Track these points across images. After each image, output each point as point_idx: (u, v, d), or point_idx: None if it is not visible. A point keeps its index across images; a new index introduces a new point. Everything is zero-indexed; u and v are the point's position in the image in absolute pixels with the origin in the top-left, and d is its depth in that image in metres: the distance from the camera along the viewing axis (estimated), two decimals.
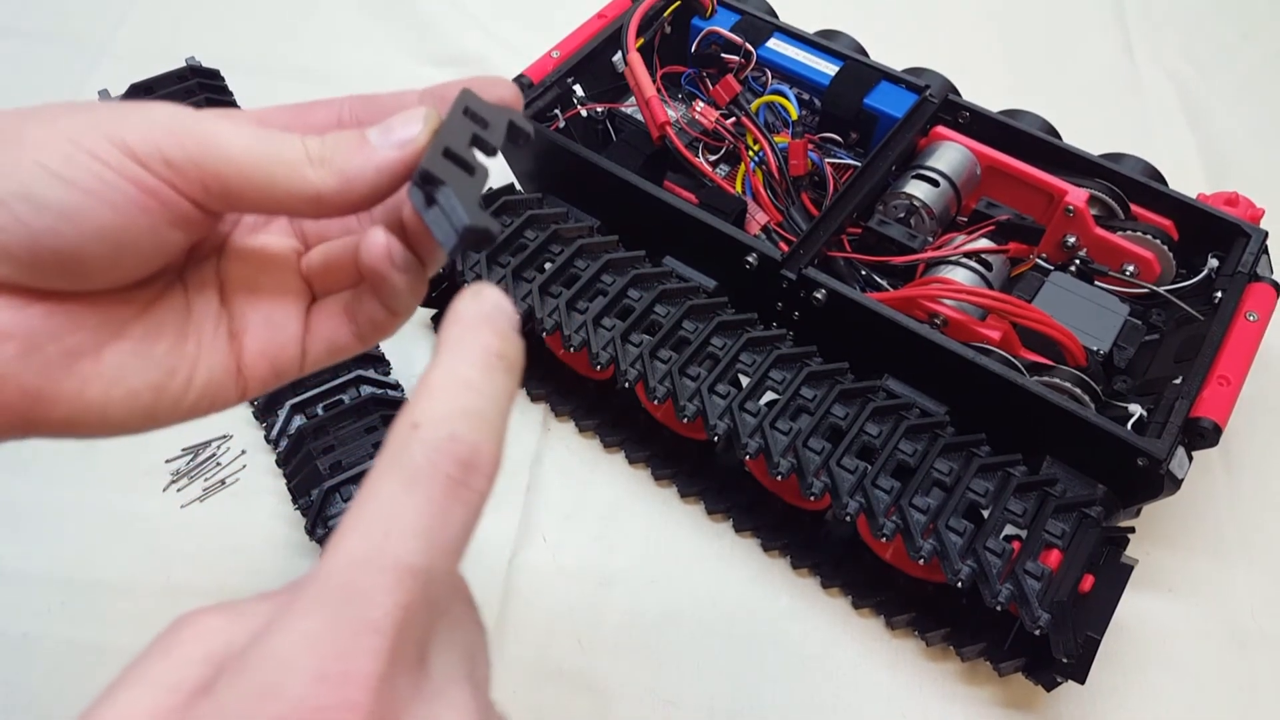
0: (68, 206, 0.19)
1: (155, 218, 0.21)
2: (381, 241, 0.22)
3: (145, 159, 0.20)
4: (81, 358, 0.21)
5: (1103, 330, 0.50)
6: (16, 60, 0.77)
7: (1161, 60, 0.81)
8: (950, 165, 0.54)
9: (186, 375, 0.23)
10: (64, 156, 0.19)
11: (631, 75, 0.57)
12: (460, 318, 0.19)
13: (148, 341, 0.23)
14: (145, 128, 0.20)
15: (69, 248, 0.20)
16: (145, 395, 0.22)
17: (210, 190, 0.21)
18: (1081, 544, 0.43)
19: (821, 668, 0.49)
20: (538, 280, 0.50)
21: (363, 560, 0.15)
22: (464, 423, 0.17)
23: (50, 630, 0.49)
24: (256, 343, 0.24)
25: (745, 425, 0.45)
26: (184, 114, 0.21)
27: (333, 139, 0.22)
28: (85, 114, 0.20)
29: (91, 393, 0.22)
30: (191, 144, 0.20)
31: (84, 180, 0.19)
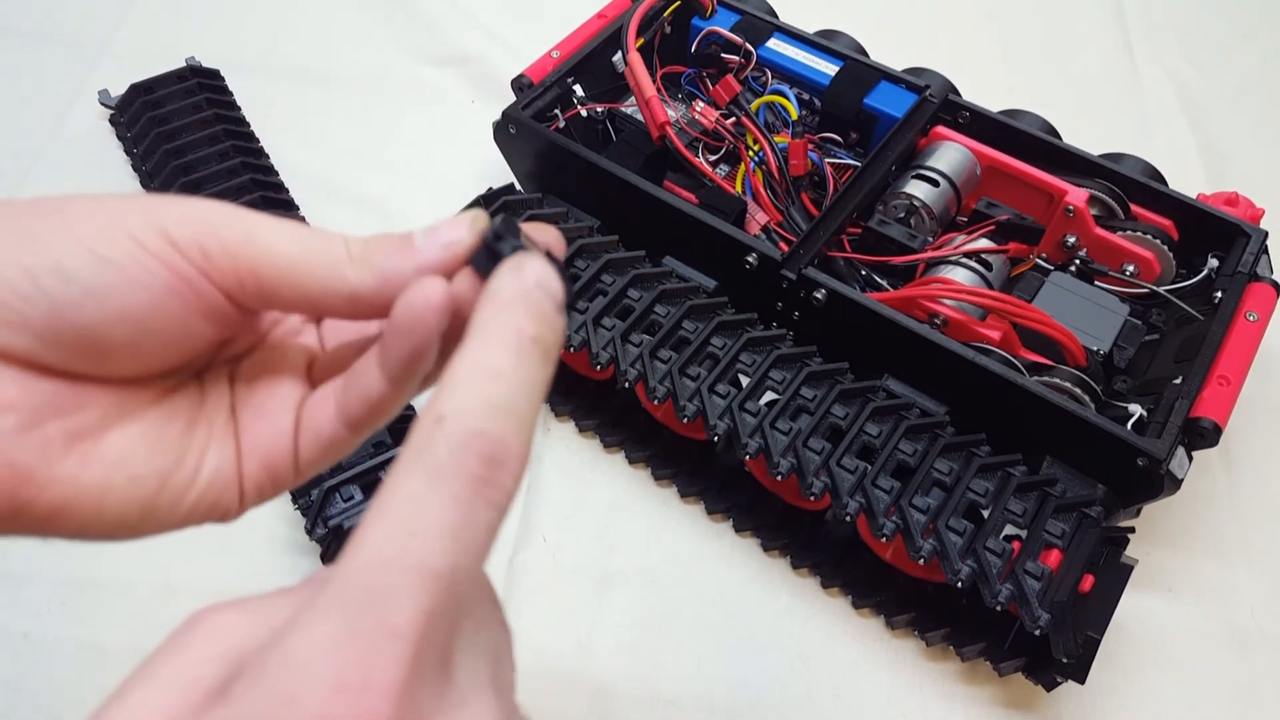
0: (97, 283, 0.19)
1: (187, 306, 0.20)
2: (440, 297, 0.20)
3: (183, 246, 0.20)
4: (84, 439, 0.20)
5: (1103, 330, 0.50)
6: (16, 60, 0.77)
7: (1161, 60, 0.81)
8: (950, 165, 0.54)
9: (195, 464, 0.22)
10: (103, 234, 0.19)
11: (631, 75, 0.57)
12: (495, 296, 0.18)
13: (161, 422, 0.22)
14: (185, 217, 0.20)
15: (92, 325, 0.19)
16: (149, 483, 0.21)
17: (245, 284, 0.20)
18: (1081, 544, 0.43)
19: (821, 668, 0.49)
20: None
21: (385, 561, 0.15)
22: (491, 416, 0.16)
23: (50, 630, 0.49)
24: (249, 438, 0.23)
25: (745, 425, 0.45)
26: (226, 208, 0.21)
27: (376, 239, 0.21)
28: (130, 200, 0.20)
29: (89, 476, 0.20)
30: (229, 236, 0.20)
31: (118, 258, 0.19)
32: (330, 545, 0.48)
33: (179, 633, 0.16)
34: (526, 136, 0.56)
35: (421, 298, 0.20)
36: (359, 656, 0.14)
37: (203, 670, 0.15)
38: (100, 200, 0.20)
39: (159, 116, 0.68)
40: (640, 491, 0.55)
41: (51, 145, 0.72)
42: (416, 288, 0.20)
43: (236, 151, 0.67)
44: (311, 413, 0.23)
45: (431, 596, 0.15)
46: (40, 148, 0.71)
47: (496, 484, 0.16)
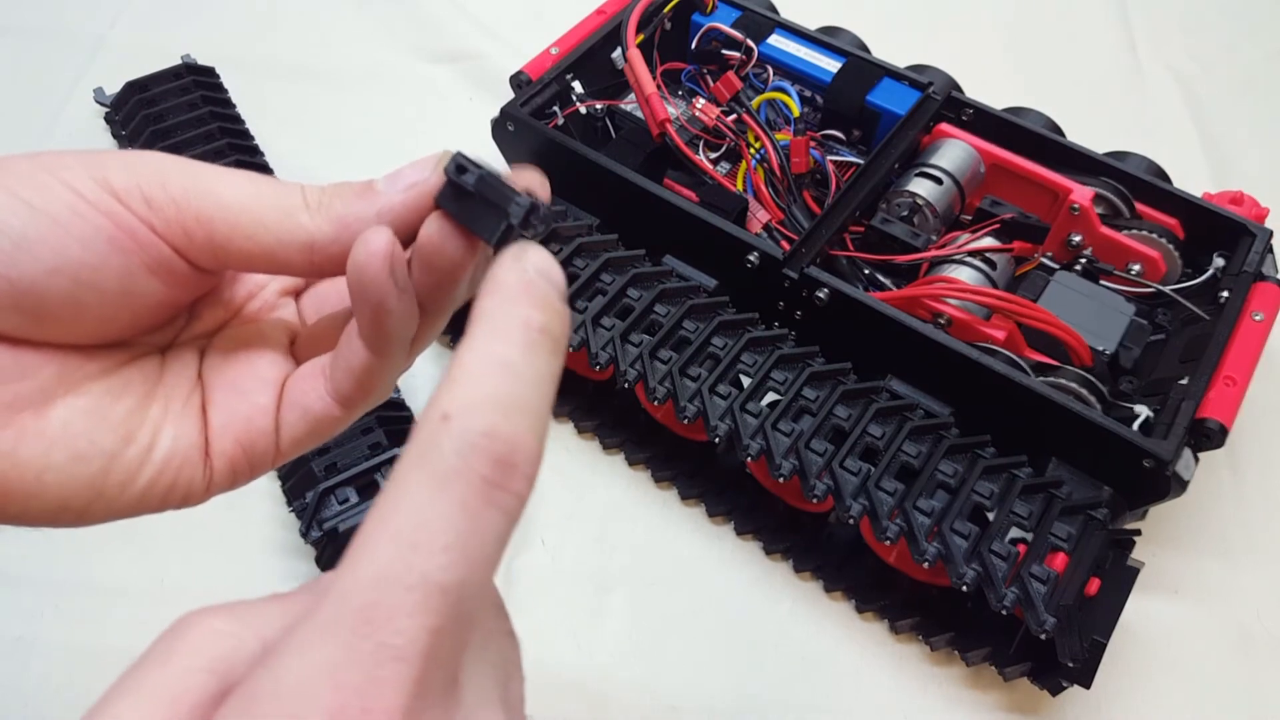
0: (28, 233, 0.17)
1: (129, 259, 0.18)
2: (383, 242, 0.19)
3: (124, 194, 0.18)
4: (21, 410, 0.18)
5: (1108, 330, 0.49)
6: (11, 58, 0.77)
7: (1165, 58, 0.80)
8: (954, 163, 0.54)
9: (146, 443, 0.20)
10: (34, 182, 0.18)
11: (631, 72, 0.57)
12: (499, 285, 0.16)
13: (108, 398, 0.20)
14: (128, 165, 0.19)
15: (25, 279, 0.18)
16: (94, 462, 0.19)
17: (194, 236, 0.19)
18: (1087, 547, 0.42)
19: (824, 672, 0.48)
20: None
21: (387, 578, 0.13)
22: (501, 414, 0.14)
23: (44, 633, 0.48)
24: (221, 414, 0.21)
25: (747, 426, 0.45)
26: (174, 157, 0.19)
27: (334, 186, 0.20)
28: (70, 152, 0.19)
29: (26, 451, 0.18)
30: (176, 185, 0.19)
31: (51, 207, 0.18)
32: (325, 548, 0.48)
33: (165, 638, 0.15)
34: (525, 134, 0.56)
35: (364, 249, 0.19)
36: (359, 682, 0.13)
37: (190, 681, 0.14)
38: (38, 154, 0.19)
39: (154, 114, 0.68)
40: (640, 494, 0.55)
41: (46, 143, 0.71)
42: (360, 240, 0.19)
43: (232, 149, 0.66)
44: (298, 388, 0.22)
45: (437, 615, 0.13)
46: (35, 145, 0.71)
47: (508, 489, 0.14)
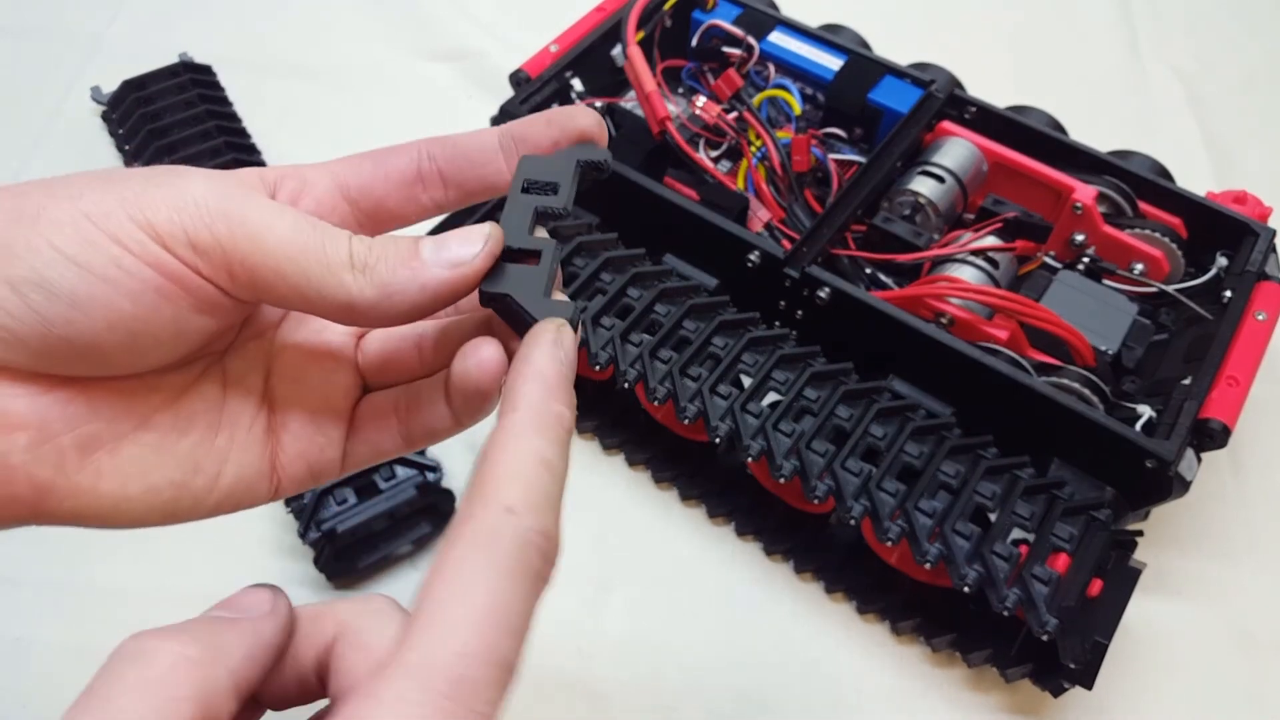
0: (80, 294, 0.18)
1: (178, 305, 0.19)
2: (494, 359, 0.21)
3: (169, 241, 0.18)
4: (98, 449, 0.20)
5: (1111, 330, 0.49)
6: (8, 56, 0.77)
7: (1168, 57, 0.80)
8: (956, 162, 0.54)
9: (213, 473, 0.22)
10: (81, 239, 0.18)
11: (631, 69, 0.56)
12: (542, 374, 0.19)
13: (174, 434, 0.21)
14: (174, 207, 0.19)
15: (84, 337, 0.18)
16: (165, 492, 0.21)
17: (237, 278, 0.19)
18: (1090, 548, 0.42)
19: (825, 674, 0.48)
20: None
21: (474, 655, 0.15)
22: (550, 514, 0.17)
23: (44, 633, 0.48)
24: (296, 443, 0.23)
25: (747, 427, 0.45)
26: (222, 191, 0.19)
27: (381, 244, 0.20)
28: (112, 189, 0.19)
29: (106, 487, 0.20)
30: (223, 228, 0.19)
31: (100, 266, 0.18)
32: (324, 549, 0.47)
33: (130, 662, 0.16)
34: None
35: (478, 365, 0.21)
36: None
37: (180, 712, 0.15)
38: (78, 193, 0.18)
39: (151, 113, 0.67)
40: (640, 494, 0.54)
41: (44, 141, 0.71)
42: (472, 353, 0.21)
43: (229, 148, 0.66)
44: (372, 425, 0.23)
45: (505, 687, 0.16)
46: (32, 144, 0.71)
47: (546, 578, 0.17)
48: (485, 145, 0.23)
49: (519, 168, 0.23)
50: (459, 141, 0.23)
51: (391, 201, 0.23)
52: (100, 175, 0.19)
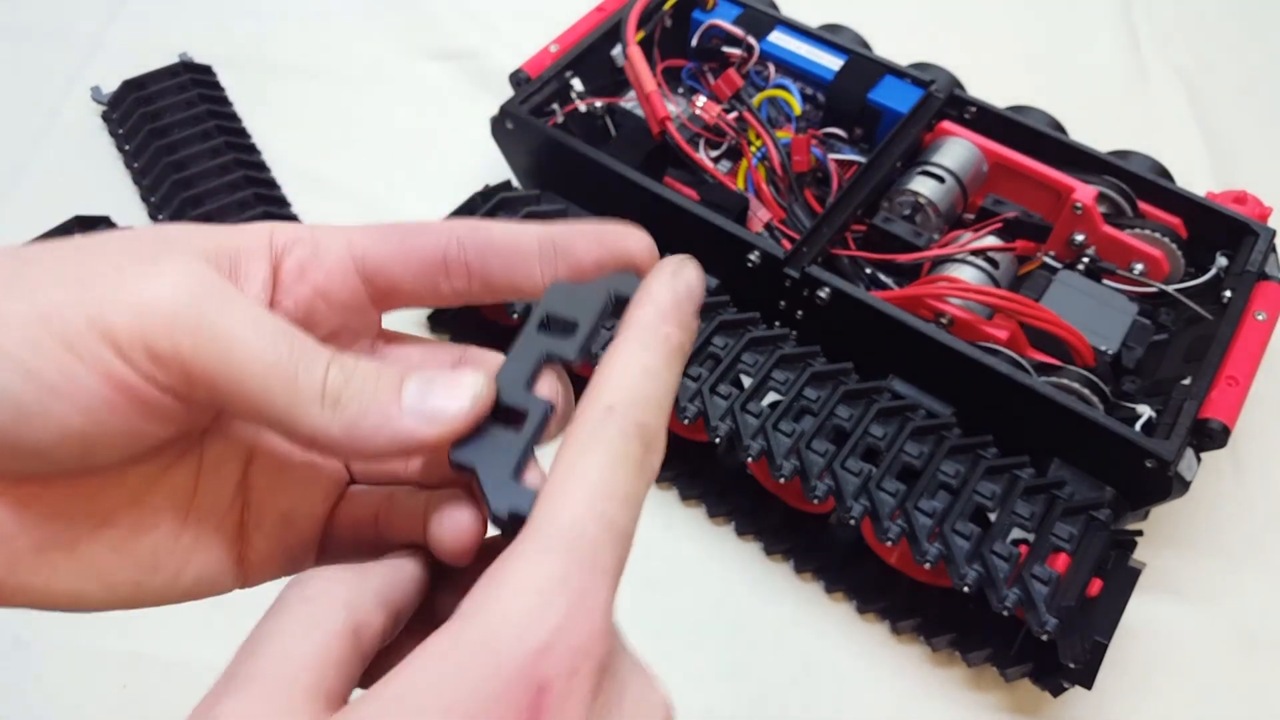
0: (26, 403, 0.17)
1: (129, 417, 0.18)
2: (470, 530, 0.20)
3: (126, 350, 0.17)
4: (53, 550, 0.19)
5: (1111, 330, 0.49)
6: (8, 56, 0.76)
7: (1169, 57, 0.80)
8: (956, 161, 0.54)
9: (173, 572, 0.20)
10: (32, 342, 0.17)
11: (631, 69, 0.56)
12: (655, 300, 0.20)
13: (137, 531, 0.20)
14: (138, 310, 0.17)
15: (31, 445, 0.17)
16: (123, 590, 0.20)
17: (196, 390, 0.18)
18: (1089, 547, 0.42)
19: (825, 674, 0.48)
20: None
21: (591, 518, 0.17)
22: (648, 410, 0.18)
23: (44, 633, 0.48)
24: (268, 544, 0.22)
25: (747, 427, 0.45)
26: (197, 292, 0.17)
27: (360, 377, 0.18)
28: (78, 283, 0.17)
29: (61, 586, 0.19)
30: (186, 339, 0.17)
31: (48, 374, 0.17)
32: None
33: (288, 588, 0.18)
34: (524, 132, 0.55)
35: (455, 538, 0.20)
36: (581, 589, 0.16)
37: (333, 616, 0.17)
38: (39, 287, 0.17)
39: (151, 113, 0.67)
40: None
41: (44, 141, 0.71)
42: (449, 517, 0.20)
43: (229, 147, 0.66)
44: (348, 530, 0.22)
45: (622, 548, 0.17)
46: (33, 144, 0.71)
47: (651, 464, 0.18)
48: (521, 246, 0.21)
49: (544, 297, 0.21)
50: (494, 235, 0.21)
51: (409, 286, 0.21)
52: (71, 261, 0.18)
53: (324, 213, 0.66)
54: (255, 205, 0.63)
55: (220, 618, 0.52)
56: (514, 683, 0.15)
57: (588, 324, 0.21)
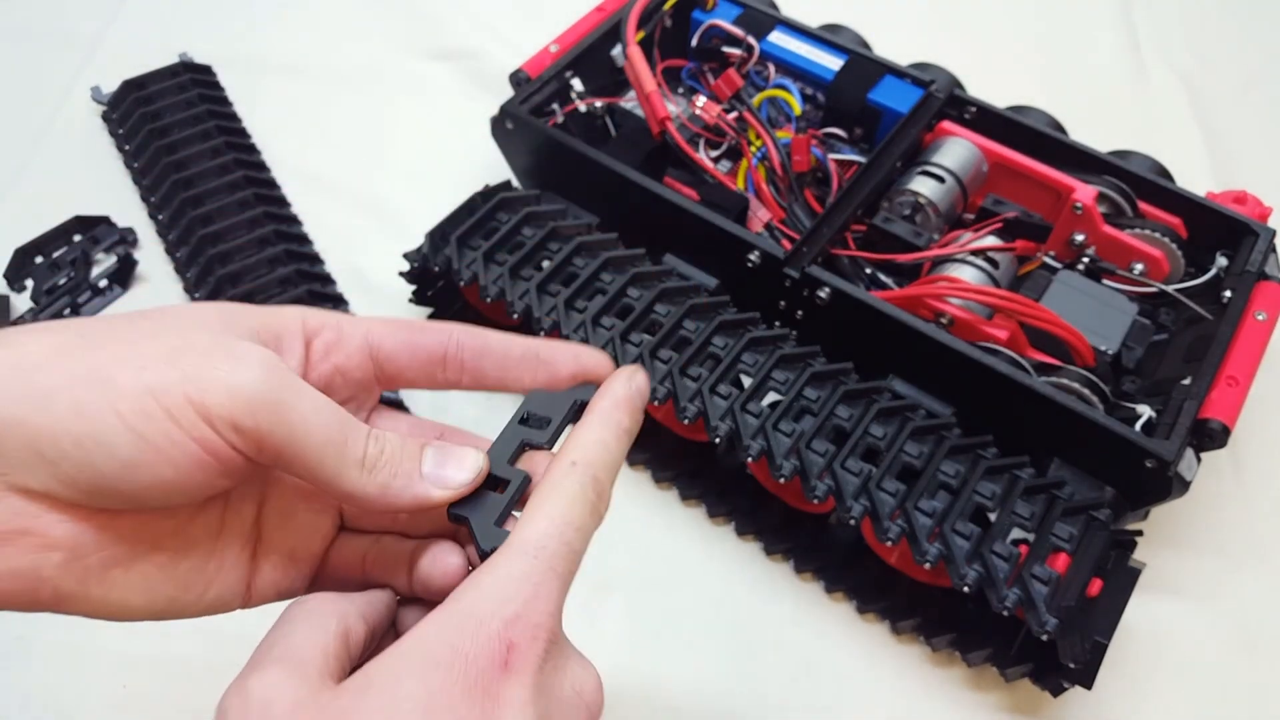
0: (133, 458, 0.21)
1: (210, 472, 0.22)
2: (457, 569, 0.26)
3: (216, 422, 0.22)
4: (114, 568, 0.23)
5: (1111, 330, 0.49)
6: (9, 56, 0.77)
7: (1169, 57, 0.80)
8: (956, 162, 0.54)
9: (200, 592, 0.25)
10: (142, 411, 0.21)
11: (631, 69, 0.57)
12: (614, 394, 0.26)
13: (177, 557, 0.25)
14: (227, 391, 0.22)
15: (127, 490, 0.22)
16: (160, 604, 0.24)
17: (264, 453, 0.23)
18: (1089, 547, 0.42)
19: (825, 674, 0.48)
20: (536, 279, 0.49)
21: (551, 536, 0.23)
22: (602, 469, 0.25)
23: (44, 633, 0.48)
24: (272, 573, 0.27)
25: (747, 427, 0.45)
26: (275, 382, 0.22)
27: (392, 450, 0.24)
28: (175, 363, 0.22)
29: (114, 597, 0.24)
30: (264, 417, 0.22)
31: (154, 437, 0.21)
32: None
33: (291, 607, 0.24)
34: (524, 132, 0.55)
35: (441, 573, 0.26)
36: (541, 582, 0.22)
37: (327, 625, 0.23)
38: (145, 364, 0.22)
39: (151, 113, 0.67)
40: (640, 494, 0.54)
41: (44, 141, 0.71)
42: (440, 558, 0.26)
43: (229, 148, 0.66)
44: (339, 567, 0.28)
45: (573, 563, 0.23)
46: (33, 144, 0.71)
47: (600, 509, 0.25)
48: (511, 354, 0.28)
49: (525, 400, 0.27)
50: (490, 342, 0.28)
51: (410, 374, 0.28)
52: (165, 342, 0.22)
53: (324, 211, 0.66)
54: (255, 205, 0.63)
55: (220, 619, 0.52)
56: (492, 639, 0.21)
57: (558, 421, 0.27)
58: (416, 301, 0.57)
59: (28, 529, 0.22)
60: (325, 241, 0.64)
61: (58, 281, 0.61)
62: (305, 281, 0.59)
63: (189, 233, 0.61)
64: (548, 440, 0.27)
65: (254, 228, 0.61)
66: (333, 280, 0.62)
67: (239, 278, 0.58)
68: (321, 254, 0.64)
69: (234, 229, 0.61)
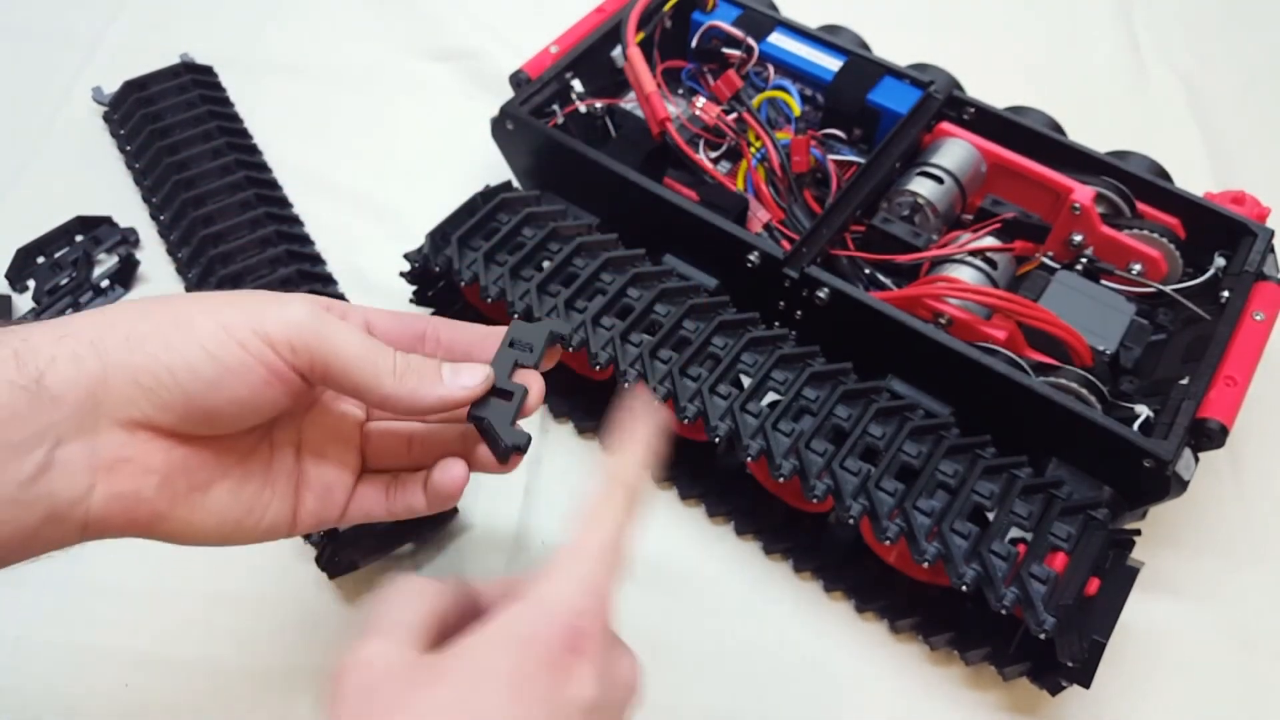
0: (215, 379, 0.27)
1: (274, 388, 0.28)
2: (461, 477, 0.33)
3: (277, 346, 0.28)
4: (197, 491, 0.29)
5: (1109, 330, 0.49)
6: (10, 56, 0.77)
7: (1168, 57, 0.80)
8: (955, 162, 0.54)
9: (259, 516, 0.31)
10: (219, 341, 0.27)
11: (631, 70, 0.57)
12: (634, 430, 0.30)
13: (243, 483, 0.31)
14: (282, 322, 0.28)
15: (211, 406, 0.28)
16: (229, 526, 0.30)
17: (315, 370, 0.29)
18: (1087, 547, 0.42)
19: (824, 673, 0.48)
20: (536, 279, 0.49)
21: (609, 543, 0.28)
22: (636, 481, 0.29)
23: (44, 633, 0.48)
24: (312, 502, 0.33)
25: (747, 426, 0.45)
26: (315, 314, 0.29)
27: (417, 363, 0.31)
28: (240, 307, 0.28)
29: (195, 518, 0.29)
30: (314, 339, 0.28)
31: (229, 360, 0.27)
32: (325, 549, 0.48)
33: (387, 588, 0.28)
34: (524, 133, 0.55)
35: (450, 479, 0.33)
36: (599, 581, 0.27)
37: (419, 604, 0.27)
38: (218, 309, 0.28)
39: (152, 113, 0.67)
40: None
41: (45, 142, 0.71)
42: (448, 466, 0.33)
43: (230, 148, 0.66)
44: (368, 499, 0.34)
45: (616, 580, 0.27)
46: (34, 145, 0.71)
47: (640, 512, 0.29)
48: (477, 334, 0.35)
49: (510, 329, 0.34)
50: (460, 328, 0.35)
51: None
52: (228, 298, 0.29)
53: (324, 211, 0.67)
54: (257, 205, 0.63)
55: (220, 619, 0.52)
56: (564, 629, 0.25)
57: (540, 347, 0.33)
58: (417, 301, 0.58)
59: (131, 457, 0.27)
60: (326, 241, 0.65)
61: (60, 281, 0.62)
62: (307, 281, 0.60)
63: (191, 233, 0.62)
64: (534, 361, 0.33)
65: (256, 228, 0.61)
66: (334, 280, 0.62)
67: (241, 277, 0.59)
68: (322, 254, 0.64)
69: (236, 229, 0.61)
